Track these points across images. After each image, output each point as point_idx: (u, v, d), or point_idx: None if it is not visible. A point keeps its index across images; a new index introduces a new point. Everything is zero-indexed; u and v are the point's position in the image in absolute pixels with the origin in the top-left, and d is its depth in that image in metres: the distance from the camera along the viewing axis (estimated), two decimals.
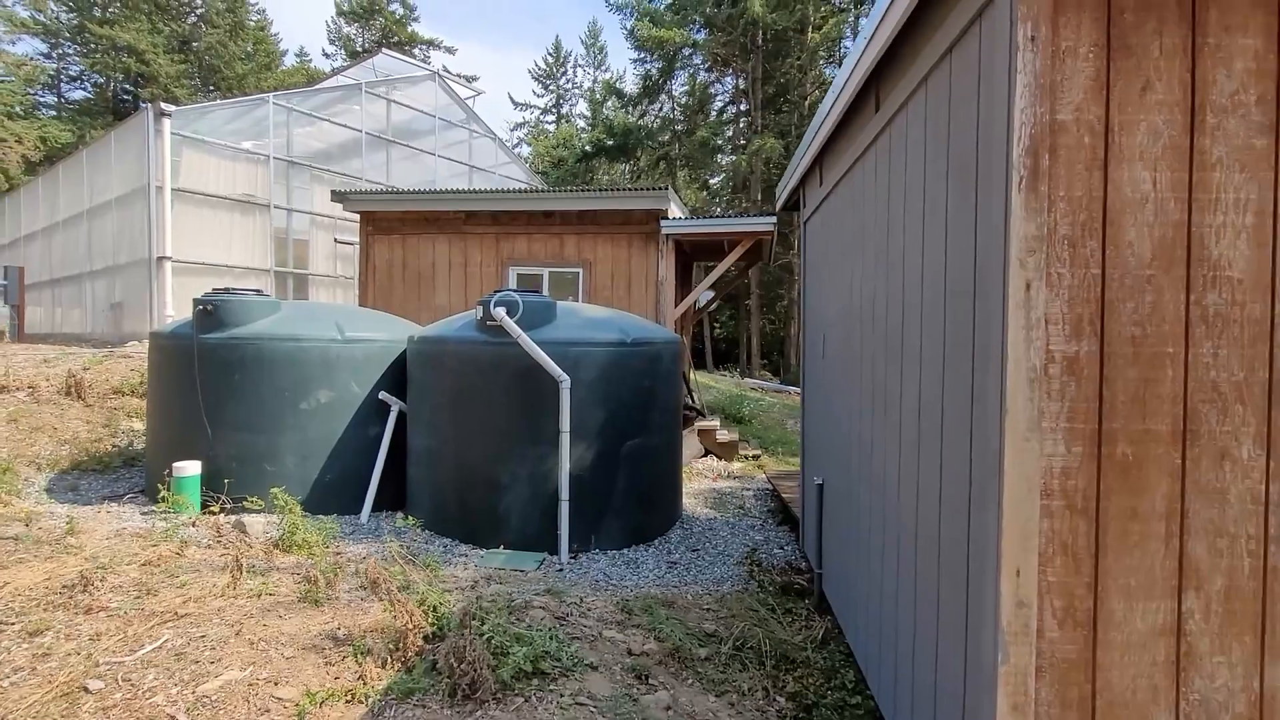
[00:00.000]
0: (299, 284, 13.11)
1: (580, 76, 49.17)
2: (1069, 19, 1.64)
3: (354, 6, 45.37)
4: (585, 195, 7.95)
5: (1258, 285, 1.63)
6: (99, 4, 37.49)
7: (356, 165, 14.13)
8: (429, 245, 8.15)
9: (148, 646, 2.63)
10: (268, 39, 43.89)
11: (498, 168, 17.17)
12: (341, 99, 13.88)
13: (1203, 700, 1.65)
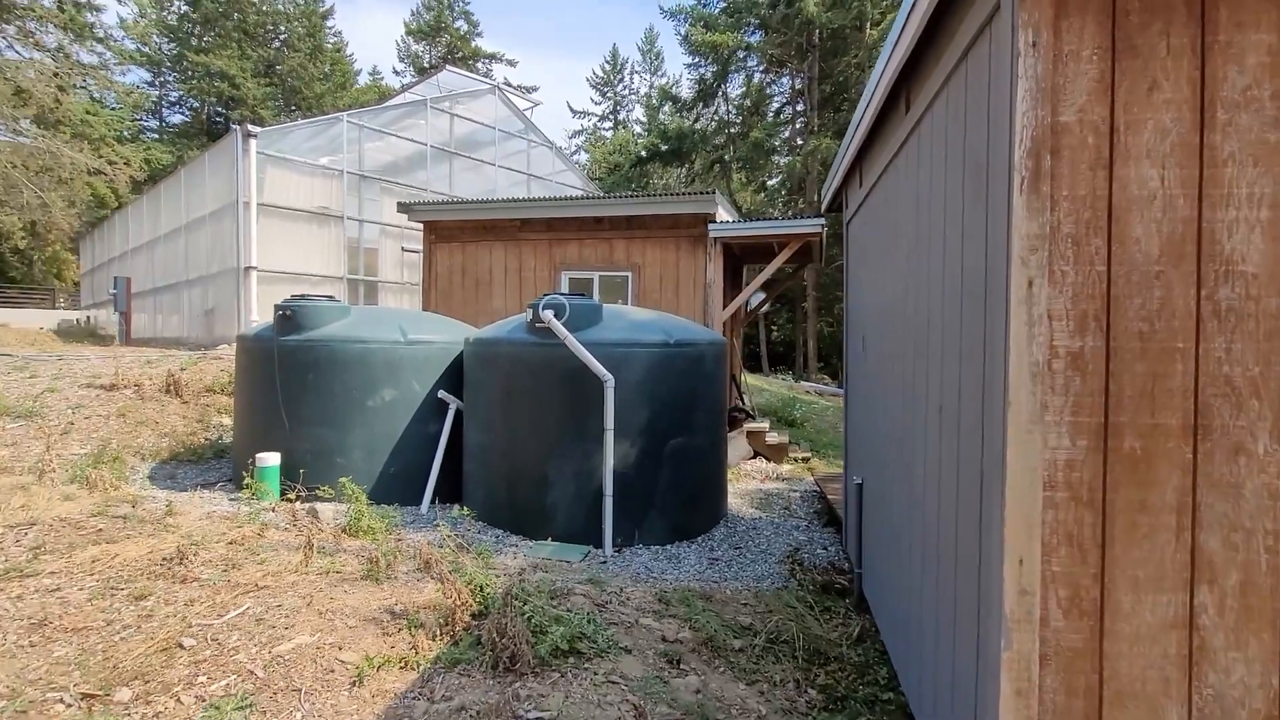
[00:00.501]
0: (369, 290, 13.90)
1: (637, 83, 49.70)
2: (1071, 24, 1.68)
3: (421, 25, 47.48)
4: (634, 200, 8.15)
5: (1274, 279, 1.62)
6: (195, 34, 40.71)
7: (422, 177, 14.87)
8: (486, 252, 8.54)
9: (232, 612, 2.96)
10: (343, 60, 46.50)
11: (554, 175, 17.65)
12: (408, 115, 14.64)
13: (1217, 695, 1.64)
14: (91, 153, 20.97)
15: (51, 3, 22.76)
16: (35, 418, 6.77)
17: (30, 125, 20.17)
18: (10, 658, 2.57)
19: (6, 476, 5.25)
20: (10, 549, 3.69)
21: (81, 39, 23.81)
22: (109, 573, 3.38)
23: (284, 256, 12.34)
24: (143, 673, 2.49)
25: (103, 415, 7.21)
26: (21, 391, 7.49)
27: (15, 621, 2.85)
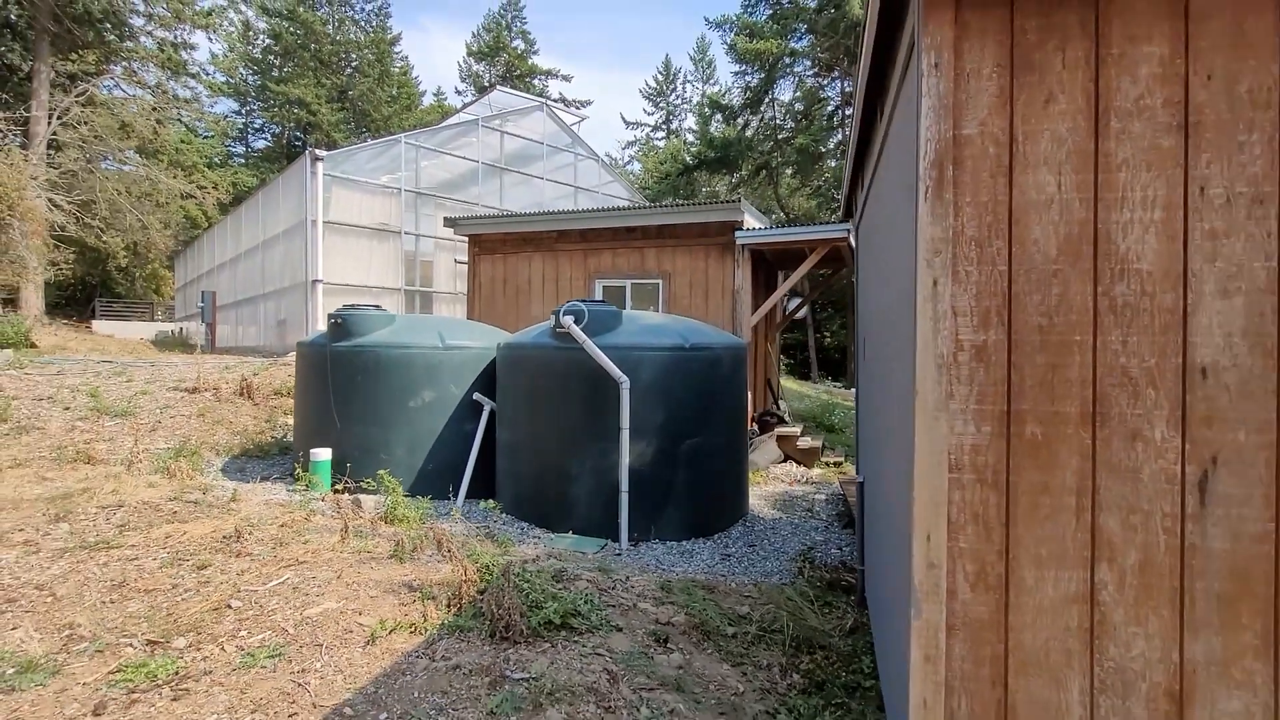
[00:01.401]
0: (424, 300, 14.70)
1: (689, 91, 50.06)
2: (972, 45, 1.84)
3: (481, 46, 49.45)
4: (663, 210, 8.41)
5: (1168, 276, 1.72)
6: (277, 65, 43.81)
7: (474, 192, 15.62)
8: (526, 262, 8.98)
9: (274, 581, 3.38)
10: (409, 82, 48.96)
11: (601, 187, 18.15)
12: (462, 134, 15.44)
13: (1118, 668, 1.74)
14: (185, 178, 22.98)
15: (153, 44, 25.12)
16: (129, 416, 7.62)
17: (133, 155, 22.30)
18: (94, 610, 3.05)
19: (103, 466, 5.99)
20: (101, 525, 4.28)
21: (177, 75, 26.15)
22: (178, 547, 3.89)
23: (347, 270, 13.25)
24: (196, 626, 2.91)
25: (185, 415, 8.03)
26: (119, 394, 8.41)
27: (100, 582, 3.36)
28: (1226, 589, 1.69)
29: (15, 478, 5.45)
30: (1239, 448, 1.68)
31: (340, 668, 2.62)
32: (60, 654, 2.66)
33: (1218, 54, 1.69)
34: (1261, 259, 1.67)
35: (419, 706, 2.38)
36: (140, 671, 2.51)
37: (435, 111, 45.87)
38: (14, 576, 3.42)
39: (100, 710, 2.27)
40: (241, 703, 2.36)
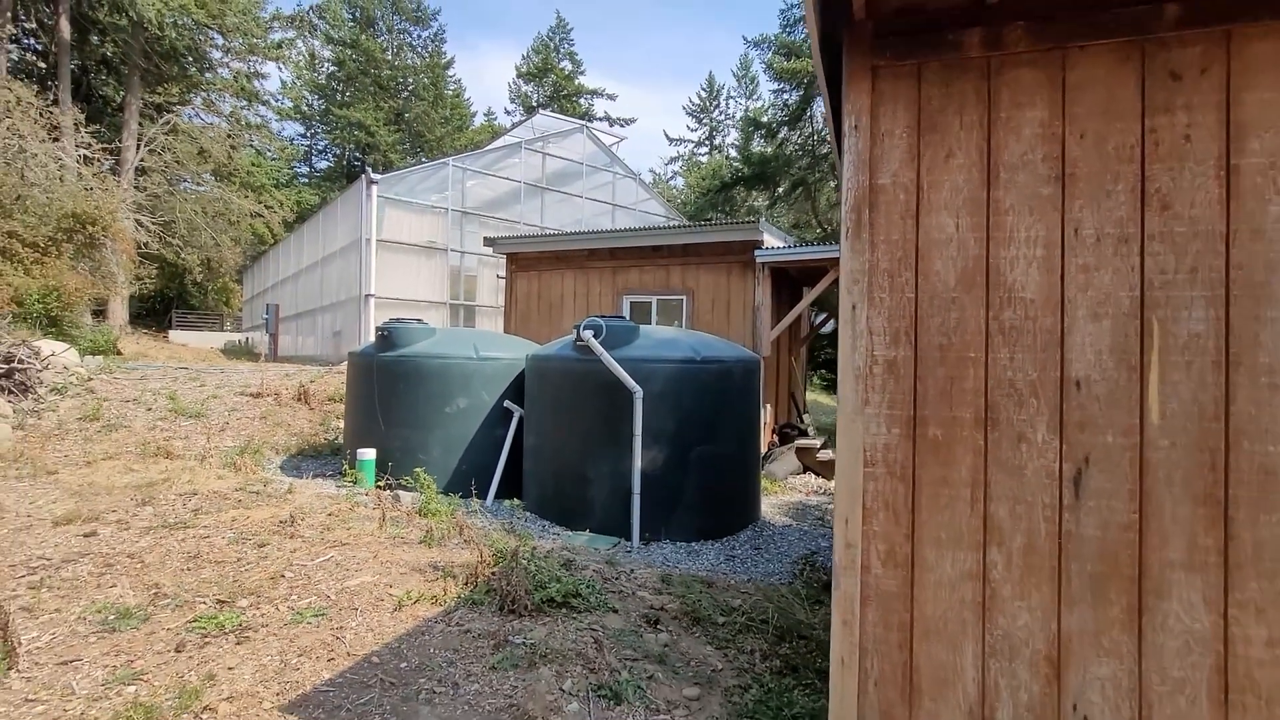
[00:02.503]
0: (468, 314, 15.48)
1: (732, 108, 50.53)
2: (886, 109, 2.20)
3: (530, 68, 51.19)
4: (687, 230, 8.83)
5: (1048, 303, 2.04)
6: (339, 91, 46.42)
7: (517, 210, 16.39)
8: (558, 279, 9.53)
9: (321, 558, 3.91)
10: (461, 104, 51.02)
11: (638, 204, 18.71)
12: (505, 156, 16.26)
13: (1005, 636, 2.04)
14: (254, 199, 24.70)
15: (229, 74, 27.16)
16: (201, 417, 8.46)
17: (209, 178, 24.15)
18: (174, 575, 3.63)
19: (179, 461, 6.74)
20: (179, 509, 4.93)
21: (250, 104, 28.16)
22: (242, 528, 4.48)
23: (397, 285, 14.13)
24: (256, 591, 3.45)
25: (250, 417, 8.84)
26: (193, 397, 9.31)
27: (179, 554, 3.96)
28: (1097, 570, 1.98)
29: (108, 468, 6.23)
30: (1107, 449, 1.97)
31: (371, 627, 3.09)
32: (149, 606, 3.23)
33: (1090, 118, 2.01)
34: (1126, 289, 1.97)
35: (433, 659, 2.83)
36: (211, 622, 3.05)
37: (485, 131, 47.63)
38: (110, 547, 4.05)
39: (180, 648, 2.81)
40: (291, 648, 2.85)
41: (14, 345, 8.56)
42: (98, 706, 2.37)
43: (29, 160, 12.57)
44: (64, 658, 2.71)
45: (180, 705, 2.37)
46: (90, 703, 2.39)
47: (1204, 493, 1.90)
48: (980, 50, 2.10)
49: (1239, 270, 1.88)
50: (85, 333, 12.80)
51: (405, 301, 14.08)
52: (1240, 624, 1.86)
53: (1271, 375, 1.85)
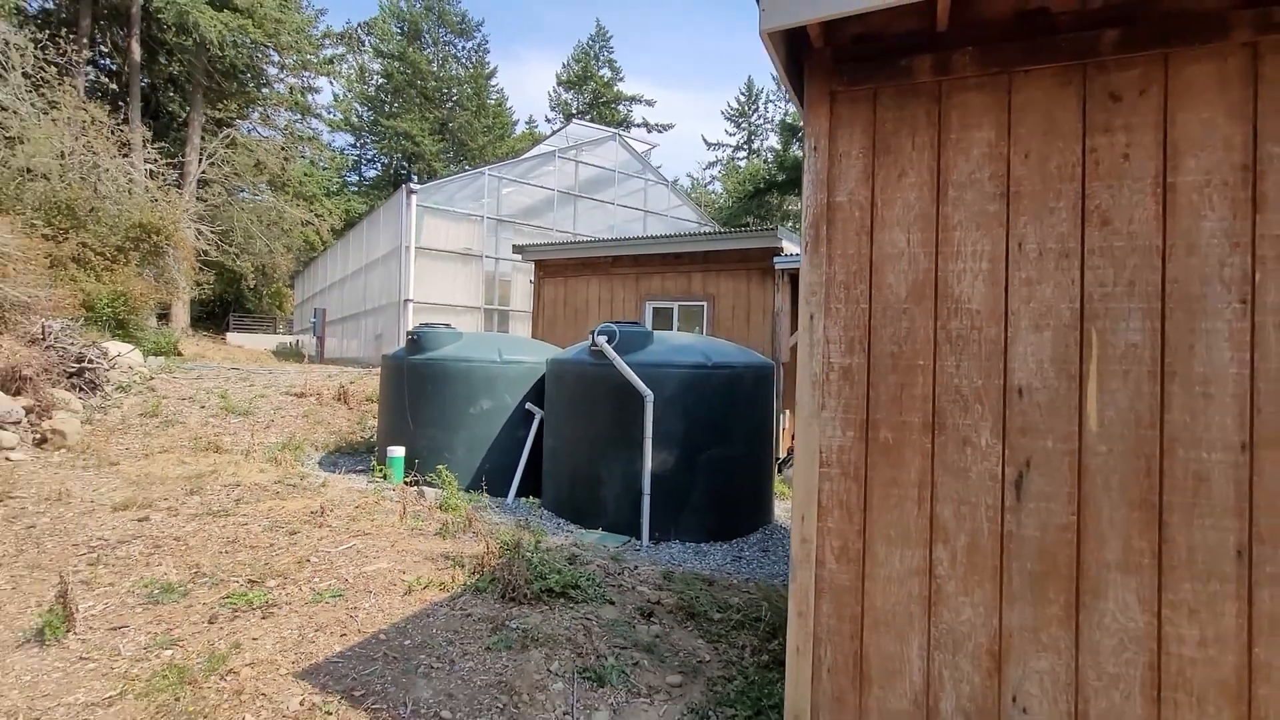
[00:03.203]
0: (502, 318, 15.93)
1: (771, 111, 50.23)
2: (844, 132, 2.34)
3: (570, 76, 52.01)
4: (707, 237, 8.98)
5: (993, 314, 2.15)
6: (387, 102, 48.08)
7: (550, 218, 16.79)
8: (584, 285, 9.80)
9: (344, 546, 4.22)
10: (503, 113, 52.17)
11: (670, 210, 18.90)
12: (539, 165, 16.69)
13: (950, 629, 2.15)
14: (305, 207, 25.90)
15: (284, 89, 28.55)
16: (249, 415, 9.02)
17: (265, 188, 25.41)
18: (213, 556, 3.99)
19: (227, 455, 7.24)
20: (223, 499, 5.35)
21: (303, 117, 29.52)
22: (277, 517, 4.85)
23: (435, 290, 14.67)
24: (283, 573, 3.77)
25: (293, 415, 9.37)
26: (242, 396, 9.92)
27: (219, 539, 4.33)
28: (1037, 569, 2.07)
29: (163, 460, 6.76)
30: (1048, 454, 2.07)
31: (382, 608, 3.37)
32: (189, 583, 3.58)
33: (1033, 138, 2.12)
34: (1067, 301, 2.07)
35: (435, 639, 3.07)
36: (242, 599, 3.37)
37: (526, 139, 48.60)
38: (160, 531, 4.46)
39: (213, 619, 3.13)
40: (309, 624, 3.14)
41: (85, 346, 9.30)
42: (139, 666, 2.69)
43: (101, 175, 13.57)
44: (113, 624, 3.05)
45: (208, 668, 2.67)
46: (133, 663, 2.71)
47: (1140, 497, 1.98)
48: (931, 75, 2.22)
49: (1175, 284, 1.96)
50: (149, 335, 13.72)
51: (442, 306, 14.60)
52: (1174, 624, 1.93)
53: (1205, 385, 1.92)
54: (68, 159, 13.24)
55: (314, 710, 2.44)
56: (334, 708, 2.47)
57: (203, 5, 20.99)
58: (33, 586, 3.47)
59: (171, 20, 21.32)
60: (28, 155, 12.53)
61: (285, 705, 2.46)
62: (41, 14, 23.60)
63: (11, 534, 4.27)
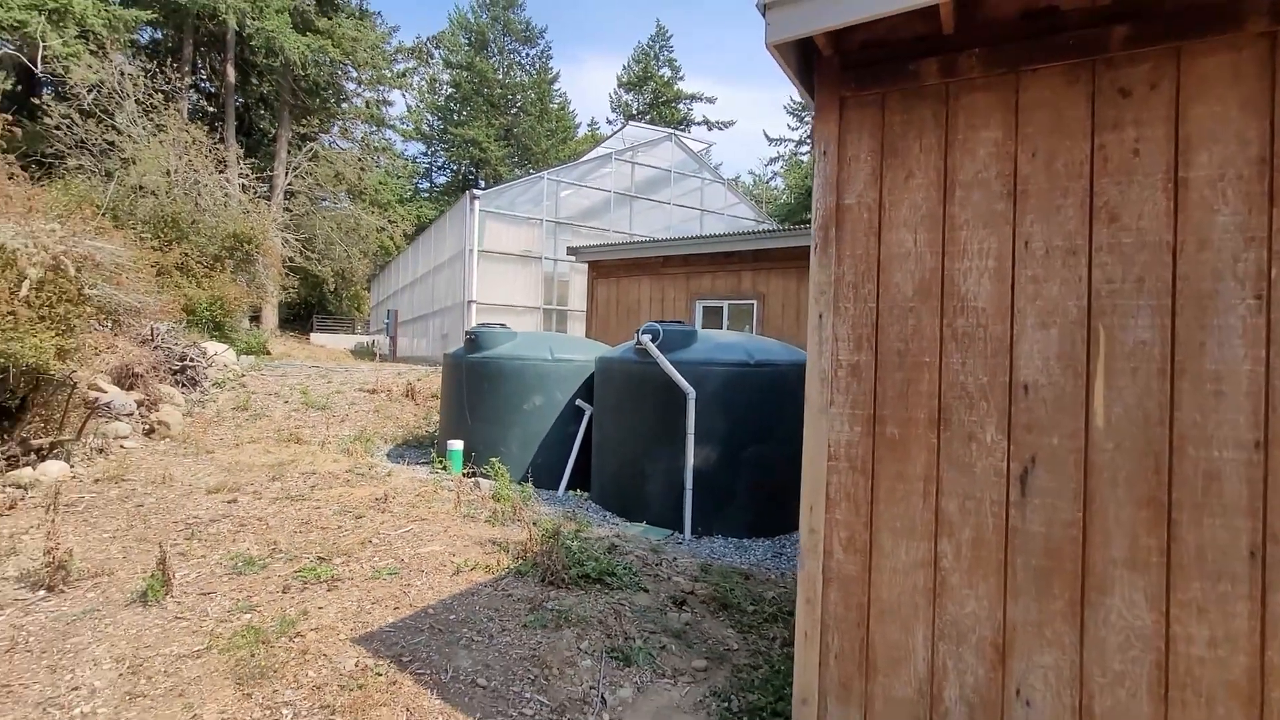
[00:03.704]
0: (560, 318, 16.37)
1: None
2: (853, 136, 2.41)
3: (630, 77, 52.46)
4: (756, 236, 8.98)
5: (999, 311, 2.17)
6: (456, 111, 49.97)
7: (607, 219, 17.11)
8: (635, 285, 10.00)
9: (402, 530, 4.57)
10: (566, 116, 53.21)
11: (727, 209, 18.86)
12: (596, 167, 17.04)
13: (954, 621, 2.20)
14: (380, 215, 27.37)
15: (361, 104, 30.22)
16: (326, 409, 9.73)
17: (344, 197, 27.02)
18: (289, 536, 4.42)
19: (306, 446, 7.86)
20: (300, 485, 5.86)
21: (378, 129, 31.14)
22: (346, 502, 5.29)
23: (496, 291, 15.26)
24: (348, 552, 4.14)
25: (365, 410, 10.03)
26: (321, 392, 10.69)
27: (294, 520, 4.78)
28: (1042, 565, 2.09)
29: (251, 450, 7.42)
30: (1053, 450, 2.09)
31: (432, 586, 3.66)
32: (267, 558, 3.99)
33: (1041, 137, 2.13)
34: (1074, 299, 2.08)
35: (477, 615, 3.33)
36: (312, 573, 3.74)
37: (588, 141, 49.36)
38: (245, 512, 4.96)
39: (286, 590, 3.50)
40: (368, 597, 3.47)
41: (187, 346, 10.27)
42: (222, 626, 3.06)
43: (201, 190, 14.88)
44: (203, 590, 3.47)
45: (280, 630, 3.02)
46: (218, 623, 3.10)
47: (1147, 495, 1.97)
48: (938, 78, 2.27)
49: (1185, 280, 1.94)
50: (241, 335, 14.94)
51: (503, 306, 15.17)
52: (1182, 623, 1.92)
53: (1217, 383, 1.90)
54: (173, 176, 14.59)
55: (366, 671, 2.73)
56: (383, 670, 2.75)
57: (287, 29, 22.55)
58: (139, 556, 3.97)
59: (260, 44, 23.02)
60: (139, 174, 13.91)
61: (342, 665, 2.76)
62: (151, 44, 25.97)
63: (124, 511, 4.86)
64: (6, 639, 2.88)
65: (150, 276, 9.79)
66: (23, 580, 3.50)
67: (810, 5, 2.15)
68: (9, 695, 2.47)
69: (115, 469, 5.87)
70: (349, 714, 2.43)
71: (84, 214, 7.23)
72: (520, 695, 2.71)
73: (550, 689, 2.78)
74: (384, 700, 2.53)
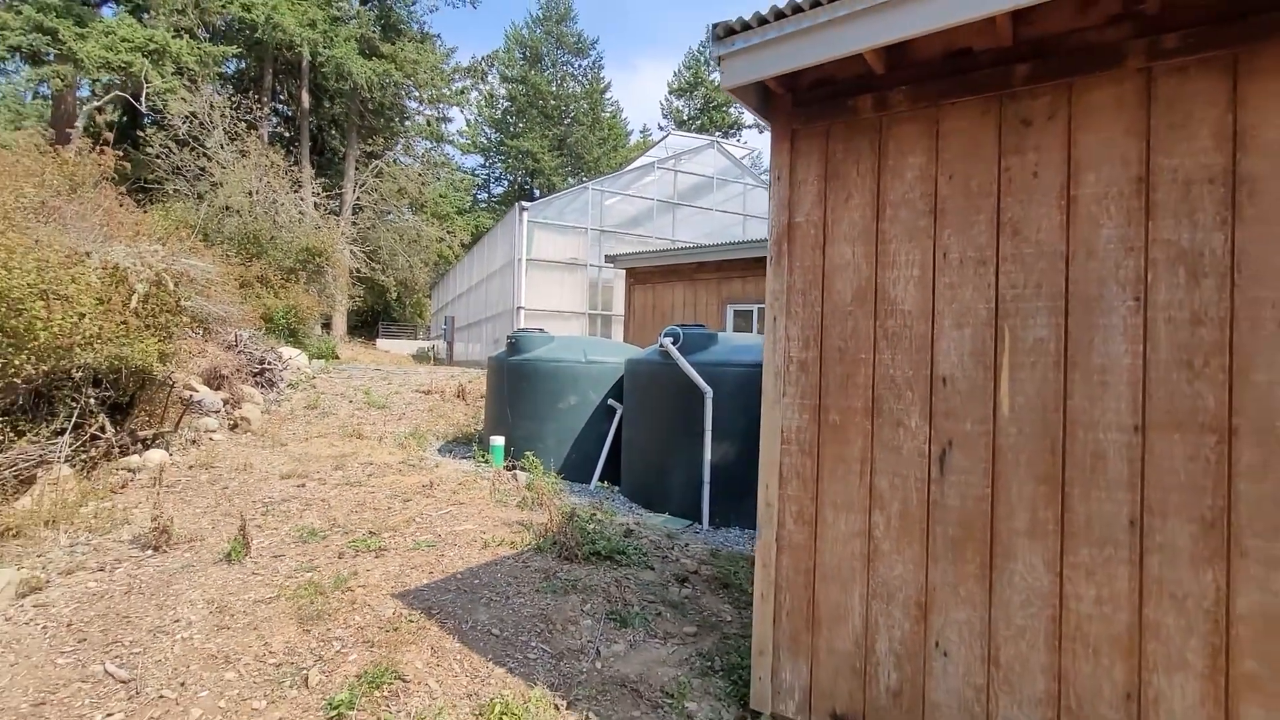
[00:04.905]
0: (604, 322, 16.94)
1: None
2: (802, 162, 2.78)
3: (681, 83, 52.93)
4: None
5: (922, 314, 2.50)
6: (511, 124, 51.69)
7: (650, 226, 17.59)
8: (670, 290, 10.42)
9: (442, 511, 5.16)
10: (617, 124, 54.13)
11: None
12: (640, 176, 17.55)
13: (884, 583, 2.53)
14: (439, 226, 28.80)
15: (422, 121, 31.85)
16: (385, 408, 10.58)
17: (406, 211, 28.58)
18: (346, 514, 5.08)
19: (366, 441, 8.66)
20: (359, 474, 6.57)
21: (438, 144, 32.72)
22: (396, 489, 5.94)
23: (543, 297, 15.98)
24: (395, 528, 4.74)
25: (420, 410, 10.83)
26: (381, 392, 11.59)
27: (352, 502, 5.44)
28: (957, 533, 2.40)
29: (318, 443, 8.26)
30: (966, 435, 2.40)
31: (463, 557, 4.20)
32: (327, 531, 4.64)
33: (957, 162, 2.46)
34: (984, 302, 2.39)
35: (498, 581, 3.84)
36: (363, 543, 4.35)
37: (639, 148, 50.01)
38: (311, 495, 5.66)
39: (341, 555, 4.11)
40: (408, 564, 4.03)
41: (265, 351, 11.36)
42: (289, 580, 3.68)
43: (279, 209, 16.26)
44: (274, 554, 4.12)
45: (334, 585, 3.60)
46: (285, 578, 3.72)
47: (1045, 473, 2.26)
48: (872, 112, 2.62)
49: (1076, 285, 2.23)
50: (313, 341, 16.20)
51: (550, 312, 15.88)
52: (1073, 583, 2.20)
53: (1103, 374, 2.18)
54: (254, 197, 16.02)
55: (401, 618, 3.27)
56: (415, 618, 3.28)
57: (355, 55, 24.17)
58: (224, 528, 4.68)
59: (331, 70, 24.74)
60: (225, 196, 15.36)
61: (382, 613, 3.31)
62: (236, 74, 28.30)
63: (212, 492, 5.65)
64: (124, 584, 3.57)
65: (235, 289, 10.91)
66: (135, 542, 4.25)
67: (749, 57, 2.55)
68: (129, 624, 3.13)
69: (205, 457, 6.73)
70: (384, 648, 2.96)
71: (180, 235, 8.25)
72: (526, 644, 3.18)
73: (553, 641, 3.25)
74: (413, 640, 3.05)
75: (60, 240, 5.74)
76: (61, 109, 18.60)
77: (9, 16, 16.53)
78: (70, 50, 16.71)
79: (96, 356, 5.36)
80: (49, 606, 3.30)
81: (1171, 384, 2.06)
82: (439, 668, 2.87)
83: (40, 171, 7.83)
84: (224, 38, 23.01)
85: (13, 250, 4.85)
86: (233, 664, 2.82)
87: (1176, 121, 2.09)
